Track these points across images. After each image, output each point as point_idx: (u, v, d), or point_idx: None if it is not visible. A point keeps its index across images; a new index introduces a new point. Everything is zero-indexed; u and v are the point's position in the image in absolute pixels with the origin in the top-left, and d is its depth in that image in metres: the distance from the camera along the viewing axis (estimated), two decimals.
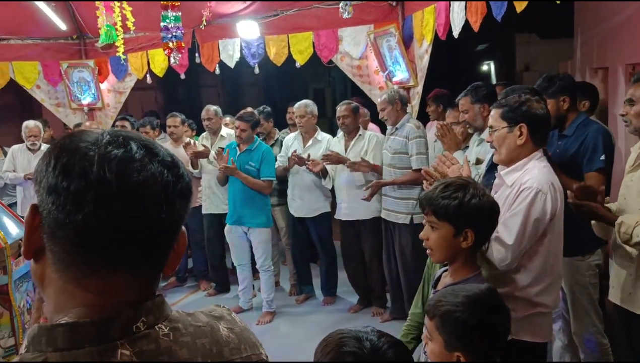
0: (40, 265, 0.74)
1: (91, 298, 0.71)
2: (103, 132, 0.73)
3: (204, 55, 5.76)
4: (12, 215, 2.89)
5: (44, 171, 0.70)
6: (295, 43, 5.38)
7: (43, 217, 0.70)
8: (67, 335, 0.68)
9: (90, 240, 0.68)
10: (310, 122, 4.72)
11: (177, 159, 0.77)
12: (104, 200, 0.67)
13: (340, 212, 4.57)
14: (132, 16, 4.81)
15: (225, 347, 0.79)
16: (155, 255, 0.75)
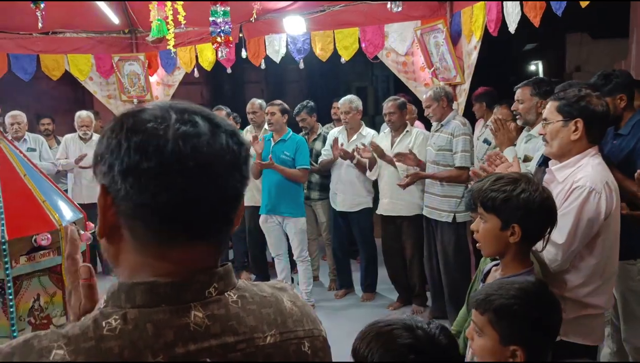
0: (114, 243, 0.76)
1: (169, 267, 0.74)
2: (166, 109, 0.73)
3: (251, 50, 5.83)
4: (67, 199, 3.00)
5: (116, 153, 0.71)
6: (341, 39, 5.38)
7: (118, 197, 0.72)
8: (146, 293, 0.72)
9: (172, 216, 0.71)
10: (356, 117, 4.73)
11: (234, 125, 0.79)
12: (183, 177, 0.69)
13: (382, 207, 4.56)
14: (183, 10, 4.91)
15: (289, 318, 0.82)
16: (226, 224, 0.77)
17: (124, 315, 0.70)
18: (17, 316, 2.58)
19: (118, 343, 0.68)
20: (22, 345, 0.68)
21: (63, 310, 2.76)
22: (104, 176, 0.73)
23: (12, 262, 2.55)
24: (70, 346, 0.67)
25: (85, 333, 0.69)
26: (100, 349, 0.67)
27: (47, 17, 5.25)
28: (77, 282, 0.89)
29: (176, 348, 0.69)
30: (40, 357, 0.66)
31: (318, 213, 5.07)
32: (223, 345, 0.73)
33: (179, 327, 0.70)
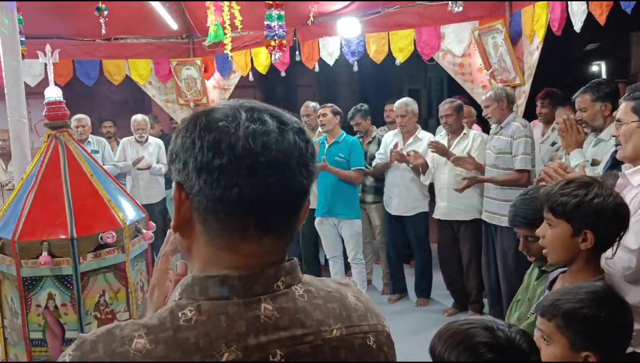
0: (187, 237, 0.80)
1: (241, 260, 0.76)
2: (236, 108, 0.76)
3: (304, 53, 5.87)
4: (130, 199, 3.10)
5: (190, 151, 0.74)
6: (396, 40, 5.33)
7: (192, 194, 0.75)
8: (218, 286, 0.74)
9: (244, 211, 0.74)
10: (411, 120, 4.69)
11: (301, 122, 0.81)
12: (254, 173, 0.72)
13: (439, 211, 4.48)
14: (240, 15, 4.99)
15: (354, 312, 0.83)
16: (294, 219, 0.79)
17: (198, 306, 0.73)
18: (85, 310, 2.68)
19: (194, 333, 0.71)
20: (105, 334, 0.72)
21: (126, 306, 2.85)
22: (178, 173, 0.77)
23: (79, 258, 2.65)
24: (150, 335, 0.70)
25: (163, 323, 0.72)
26: (177, 339, 0.70)
27: (109, 23, 5.47)
28: (164, 278, 0.95)
29: (248, 339, 0.72)
30: (123, 345, 0.69)
31: (372, 216, 5.04)
32: (292, 337, 0.75)
33: (250, 319, 0.73)
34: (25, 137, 3.34)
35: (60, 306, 2.66)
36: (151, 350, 0.69)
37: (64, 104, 2.98)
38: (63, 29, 6.04)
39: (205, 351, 0.70)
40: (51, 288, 2.65)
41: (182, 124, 0.79)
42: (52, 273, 2.63)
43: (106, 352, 0.69)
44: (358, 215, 4.61)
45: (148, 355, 0.69)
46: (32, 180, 2.82)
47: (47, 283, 2.64)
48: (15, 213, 2.73)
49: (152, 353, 0.69)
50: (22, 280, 2.60)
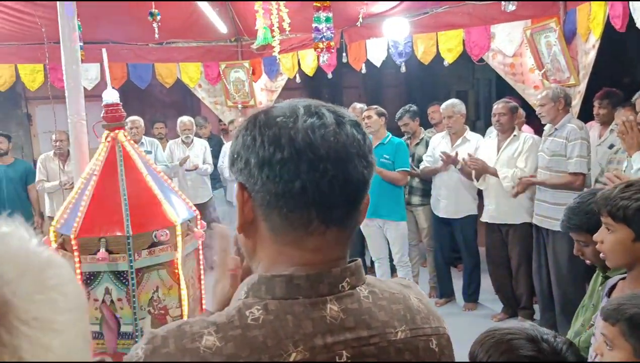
0: (251, 237, 0.81)
1: (307, 256, 0.77)
2: (294, 105, 0.78)
3: (351, 54, 5.87)
4: (181, 198, 3.18)
5: (251, 148, 0.75)
6: (444, 41, 5.27)
7: (254, 191, 0.76)
8: (285, 286, 0.75)
9: (307, 203, 0.74)
10: (459, 121, 4.61)
11: (357, 116, 0.81)
12: (315, 165, 0.73)
13: (487, 214, 4.39)
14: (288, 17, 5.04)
15: (417, 315, 0.83)
16: (355, 210, 0.79)
17: (265, 305, 0.74)
18: (139, 305, 2.77)
19: (262, 332, 0.71)
20: (175, 330, 0.73)
21: (178, 302, 2.91)
22: (240, 173, 0.78)
23: (135, 255, 2.73)
24: (219, 333, 0.71)
25: (231, 321, 0.72)
26: (246, 337, 0.71)
27: (161, 28, 5.62)
28: (225, 272, 0.95)
29: (315, 340, 0.72)
30: (193, 342, 0.70)
31: (419, 218, 4.98)
32: (357, 338, 0.75)
33: (317, 319, 0.73)
34: (84, 138, 3.46)
35: (116, 300, 2.76)
36: (221, 348, 0.70)
37: (120, 106, 3.09)
38: (117, 34, 6.25)
39: (273, 350, 0.70)
40: (108, 283, 2.75)
41: (242, 124, 0.81)
42: (109, 269, 2.72)
43: (177, 347, 0.70)
44: (403, 217, 4.57)
45: (218, 352, 0.70)
46: (90, 179, 2.93)
47: (104, 278, 2.73)
48: (75, 211, 2.85)
49: (222, 350, 0.70)
50: (82, 274, 2.70)
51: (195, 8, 6.07)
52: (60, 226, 2.88)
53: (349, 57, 5.86)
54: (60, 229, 2.84)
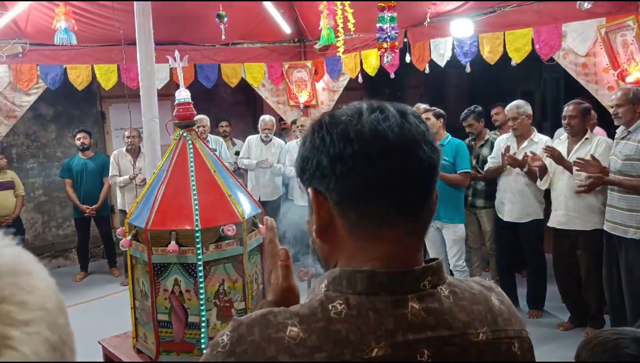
0: (328, 241, 0.82)
1: (385, 248, 0.78)
2: (357, 104, 0.80)
3: (415, 54, 5.82)
4: (247, 195, 3.26)
5: (322, 148, 0.78)
6: (512, 40, 5.13)
7: (329, 190, 0.78)
8: (366, 281, 0.76)
9: (382, 194, 0.76)
10: (524, 123, 4.48)
11: (416, 111, 0.84)
12: (386, 154, 0.75)
13: (555, 219, 4.24)
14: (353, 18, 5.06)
15: (499, 316, 0.81)
16: (427, 199, 0.81)
17: (347, 300, 0.75)
18: (206, 297, 2.87)
19: (344, 326, 0.72)
20: (260, 319, 0.75)
21: (242, 296, 3.00)
22: (312, 177, 0.80)
23: (203, 248, 2.84)
24: (303, 325, 0.73)
25: (314, 314, 0.74)
26: (329, 330, 0.72)
27: (228, 29, 5.78)
28: (277, 263, 0.97)
29: (396, 337, 0.73)
30: (278, 331, 0.72)
31: (482, 221, 4.89)
32: (438, 337, 0.75)
33: (398, 317, 0.74)
34: (156, 135, 3.62)
35: (184, 292, 2.87)
36: (305, 339, 0.71)
37: (192, 105, 3.22)
38: (186, 36, 6.47)
39: (356, 345, 0.71)
40: (177, 275, 2.87)
41: (307, 130, 0.83)
42: (178, 261, 2.84)
43: (262, 336, 0.72)
44: (462, 220, 4.49)
45: (302, 343, 0.71)
46: (162, 174, 3.07)
47: (173, 269, 2.85)
48: (148, 204, 2.99)
49: (306, 342, 0.71)
50: (153, 265, 2.84)
51: (261, 10, 6.21)
52: (133, 218, 3.03)
53: (412, 57, 5.81)
54: (134, 221, 2.99)
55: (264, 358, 0.70)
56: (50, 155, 7.38)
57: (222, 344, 0.74)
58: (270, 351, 0.71)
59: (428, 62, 5.76)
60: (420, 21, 5.61)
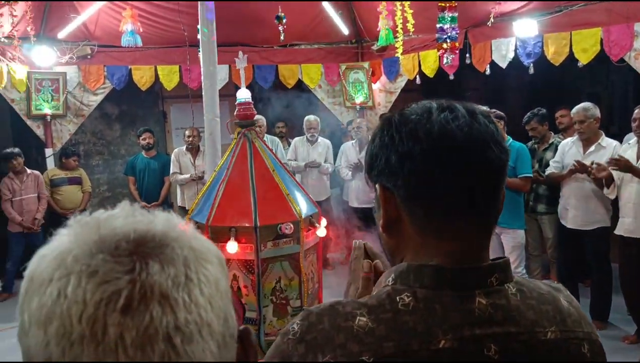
0: (394, 236, 0.84)
1: (452, 244, 0.78)
2: (426, 104, 0.81)
3: (475, 55, 5.70)
4: (305, 194, 3.29)
5: (390, 146, 0.79)
6: (578, 40, 4.93)
7: (396, 187, 0.79)
8: (433, 276, 0.77)
9: (450, 191, 0.76)
10: (592, 126, 4.30)
11: (486, 110, 0.81)
12: (454, 153, 0.76)
13: (623, 227, 4.05)
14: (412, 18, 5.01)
15: (567, 317, 0.81)
16: (494, 198, 0.80)
17: (414, 293, 0.76)
18: (263, 294, 2.91)
19: (412, 318, 0.74)
20: (329, 309, 0.77)
21: (298, 294, 3.03)
22: (380, 174, 0.82)
23: (261, 245, 2.89)
24: (372, 315, 0.74)
25: (382, 305, 0.75)
26: (397, 321, 0.73)
27: (286, 31, 5.85)
28: (358, 276, 1.00)
29: (463, 330, 0.73)
30: (346, 320, 0.74)
31: (544, 227, 4.72)
32: (506, 333, 0.75)
33: (465, 311, 0.74)
34: (217, 134, 3.70)
35: (242, 287, 2.93)
36: (373, 329, 0.73)
37: (252, 105, 3.27)
38: (245, 37, 6.58)
39: (423, 336, 0.72)
40: (236, 271, 2.92)
41: (376, 128, 0.84)
42: (237, 257, 2.90)
43: (331, 325, 0.74)
44: (522, 226, 4.36)
45: (370, 332, 0.72)
46: (223, 172, 3.14)
47: (232, 265, 2.91)
48: (209, 201, 3.06)
49: (374, 331, 0.72)
50: None
51: (320, 11, 6.24)
52: (194, 214, 3.11)
53: (472, 58, 5.69)
54: (195, 217, 3.08)
55: (333, 345, 0.72)
56: (115, 152, 7.70)
57: (293, 332, 0.76)
58: (340, 339, 0.72)
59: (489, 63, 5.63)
60: (482, 21, 5.49)
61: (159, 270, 0.46)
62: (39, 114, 6.18)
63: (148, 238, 0.48)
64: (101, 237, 0.48)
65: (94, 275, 0.45)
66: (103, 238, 0.48)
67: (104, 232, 0.48)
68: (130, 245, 0.47)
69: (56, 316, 0.44)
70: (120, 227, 0.49)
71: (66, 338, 0.43)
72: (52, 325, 0.44)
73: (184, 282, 0.47)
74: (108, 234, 0.48)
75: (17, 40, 5.43)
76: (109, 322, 0.43)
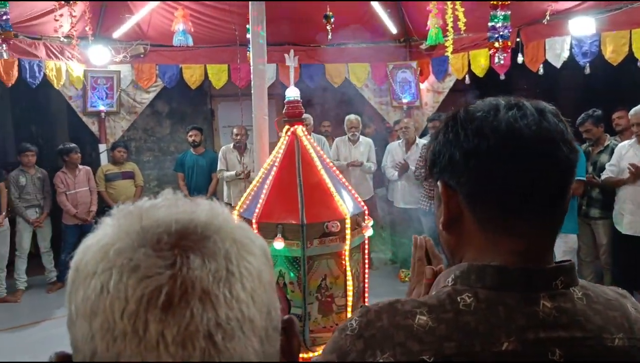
0: (454, 233, 0.82)
1: (516, 244, 0.77)
2: (493, 101, 0.79)
3: (528, 54, 5.55)
4: (350, 193, 3.28)
5: (455, 142, 0.78)
6: (638, 39, 4.74)
7: (460, 184, 0.78)
8: (496, 276, 0.75)
9: (515, 190, 0.75)
10: None
11: (557, 110, 0.79)
12: (521, 151, 0.74)
13: None
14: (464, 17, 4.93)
15: (635, 324, 0.78)
16: (560, 198, 0.78)
17: (476, 293, 0.74)
18: (308, 291, 2.92)
19: (474, 318, 0.72)
20: (387, 307, 0.77)
21: (343, 292, 3.02)
22: (443, 170, 0.80)
23: (307, 243, 2.90)
24: (432, 314, 0.73)
25: (442, 305, 0.74)
26: (458, 321, 0.72)
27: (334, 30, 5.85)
28: (422, 280, 0.99)
29: (527, 333, 0.72)
30: (406, 319, 0.73)
31: (597, 233, 4.55)
32: (571, 338, 0.73)
33: (529, 314, 0.73)
34: (266, 132, 3.73)
35: (288, 284, 2.95)
36: (434, 328, 0.72)
37: (301, 103, 3.29)
38: (292, 36, 6.63)
39: (485, 337, 0.71)
40: (282, 267, 2.95)
41: (440, 125, 0.83)
42: (283, 254, 2.92)
43: (390, 323, 0.74)
44: (574, 230, 4.22)
45: (431, 331, 0.72)
46: (271, 170, 3.17)
47: (279, 261, 2.94)
48: (257, 198, 3.10)
49: (435, 331, 0.72)
50: None
51: (368, 10, 6.21)
52: (242, 211, 3.15)
53: (525, 57, 5.55)
54: (243, 213, 3.12)
55: (392, 343, 0.72)
56: (165, 149, 7.89)
57: (351, 328, 0.76)
58: (399, 337, 0.72)
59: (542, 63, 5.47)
60: (535, 19, 5.35)
61: (200, 264, 0.45)
62: (94, 110, 6.41)
63: (190, 229, 0.48)
64: (143, 228, 0.47)
65: (135, 270, 0.44)
66: (145, 230, 0.47)
67: (146, 224, 0.48)
68: (172, 238, 0.46)
69: (100, 311, 0.44)
70: (163, 218, 0.48)
71: (110, 333, 0.43)
72: (97, 320, 0.44)
73: (225, 277, 0.46)
74: (150, 226, 0.48)
75: (75, 39, 5.64)
76: (150, 319, 0.43)
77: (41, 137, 7.79)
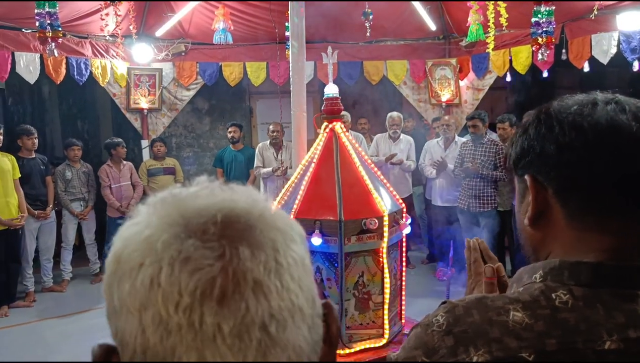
0: (540, 229, 0.80)
1: (609, 240, 0.75)
2: (587, 96, 0.78)
3: (572, 51, 5.41)
4: (388, 191, 3.27)
5: (548, 136, 0.76)
6: None
7: (550, 178, 0.77)
8: (591, 273, 0.73)
9: (611, 185, 0.73)
10: None
11: None
12: (621, 147, 0.72)
13: None
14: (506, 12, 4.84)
15: None
16: None
17: (571, 290, 0.73)
18: (345, 287, 2.93)
19: (573, 315, 0.71)
20: (476, 302, 0.75)
21: (380, 289, 3.02)
22: (530, 164, 0.79)
23: (345, 240, 2.90)
24: (527, 310, 0.72)
25: (537, 301, 0.73)
26: (556, 318, 0.71)
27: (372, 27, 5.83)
28: (480, 280, 0.99)
29: (629, 332, 0.70)
30: (499, 315, 0.72)
31: None
32: None
33: (628, 312, 0.71)
34: (304, 128, 3.76)
35: (325, 280, 2.96)
36: (531, 325, 0.70)
37: (339, 100, 3.30)
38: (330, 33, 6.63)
39: (587, 335, 0.69)
40: (319, 263, 2.96)
41: (528, 120, 0.82)
42: (321, 250, 2.94)
43: (482, 319, 0.72)
44: None
45: (528, 328, 0.70)
46: (310, 166, 3.19)
47: (317, 257, 2.95)
48: (295, 194, 3.12)
49: (533, 327, 0.70)
50: None
51: (408, 7, 6.16)
52: (281, 206, 3.18)
53: (569, 53, 5.40)
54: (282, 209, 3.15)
55: (487, 339, 0.70)
56: (204, 145, 8.03)
57: (437, 324, 0.75)
58: (494, 333, 0.71)
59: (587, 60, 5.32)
60: (580, 15, 5.20)
61: (250, 255, 0.45)
62: (136, 107, 6.58)
63: (233, 219, 0.47)
64: (186, 219, 0.47)
65: (186, 262, 0.44)
66: (188, 220, 0.47)
67: (189, 215, 0.47)
68: (217, 228, 0.46)
69: (151, 304, 0.44)
70: (205, 208, 0.48)
71: (163, 326, 0.43)
72: (147, 313, 0.44)
73: (275, 268, 0.46)
74: (193, 216, 0.47)
75: (120, 38, 5.80)
76: (206, 312, 0.43)
77: (87, 132, 8.05)
